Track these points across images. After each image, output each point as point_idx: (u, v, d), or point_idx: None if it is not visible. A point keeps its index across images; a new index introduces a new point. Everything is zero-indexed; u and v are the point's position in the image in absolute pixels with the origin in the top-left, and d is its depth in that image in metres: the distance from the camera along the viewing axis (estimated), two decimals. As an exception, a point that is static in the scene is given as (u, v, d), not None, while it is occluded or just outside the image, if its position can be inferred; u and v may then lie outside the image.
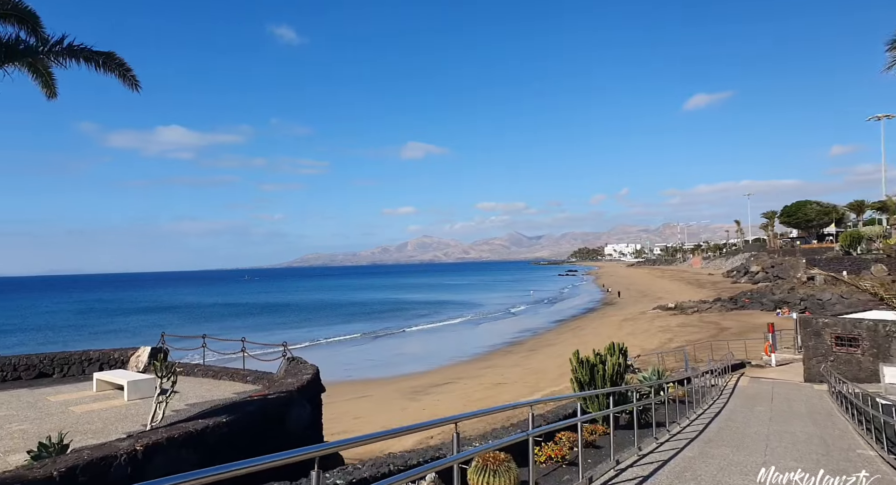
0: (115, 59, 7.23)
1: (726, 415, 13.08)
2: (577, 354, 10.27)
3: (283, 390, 8.86)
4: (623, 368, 10.35)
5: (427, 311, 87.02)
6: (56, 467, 5.32)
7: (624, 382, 10.88)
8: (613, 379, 9.85)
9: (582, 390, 9.86)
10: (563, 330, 58.12)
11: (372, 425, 22.00)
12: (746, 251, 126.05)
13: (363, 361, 43.75)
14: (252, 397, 8.47)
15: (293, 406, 8.33)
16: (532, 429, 5.54)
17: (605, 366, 9.92)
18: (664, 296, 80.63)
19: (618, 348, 10.43)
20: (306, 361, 12.25)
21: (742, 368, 25.27)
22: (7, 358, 12.59)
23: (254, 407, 7.91)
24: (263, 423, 7.79)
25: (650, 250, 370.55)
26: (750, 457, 8.47)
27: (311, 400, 9.81)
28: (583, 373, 9.91)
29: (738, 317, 51.28)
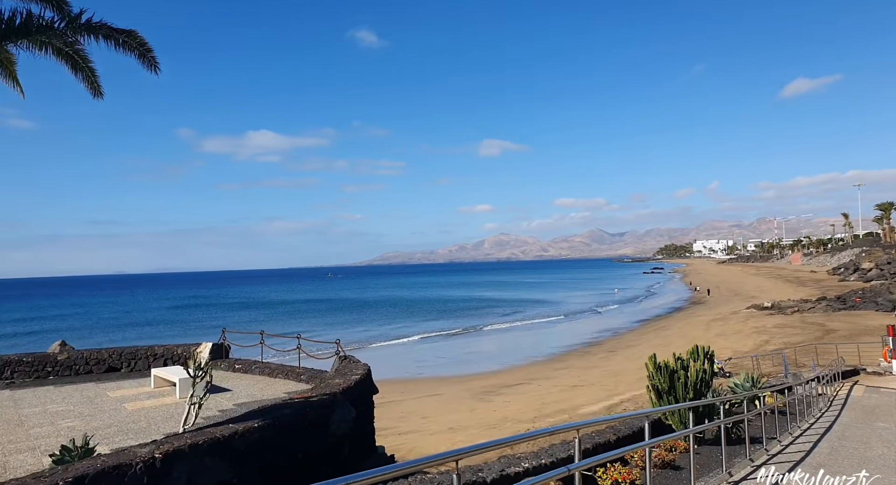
0: (136, 38, 6.96)
1: (839, 431, 11.14)
2: (653, 358, 8.98)
3: (326, 391, 8.30)
4: (709, 375, 8.93)
5: (503, 309, 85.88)
6: (65, 475, 4.96)
7: (711, 391, 9.43)
8: (697, 387, 8.48)
9: (660, 400, 8.57)
10: (645, 330, 55.06)
11: (439, 426, 21.38)
12: (856, 247, 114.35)
13: (436, 358, 43.47)
14: (293, 399, 7.97)
15: (337, 409, 7.74)
16: (579, 461, 4.51)
17: (686, 372, 8.57)
18: (759, 295, 74.68)
19: (702, 352, 9.01)
20: (359, 361, 11.71)
21: (855, 375, 22.23)
22: (80, 352, 13.08)
23: (292, 410, 7.38)
24: (301, 427, 7.24)
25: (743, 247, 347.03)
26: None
27: (359, 402, 9.19)
28: (661, 380, 8.61)
29: (848, 318, 46.08)
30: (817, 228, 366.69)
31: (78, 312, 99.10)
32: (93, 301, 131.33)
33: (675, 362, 8.80)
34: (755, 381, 13.51)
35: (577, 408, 22.55)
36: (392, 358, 44.76)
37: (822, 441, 9.89)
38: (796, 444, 9.95)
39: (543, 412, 22.68)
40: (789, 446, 9.61)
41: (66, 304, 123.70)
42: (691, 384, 8.43)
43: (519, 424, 20.89)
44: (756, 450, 8.92)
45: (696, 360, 8.83)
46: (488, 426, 20.85)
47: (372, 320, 74.48)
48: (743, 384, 13.42)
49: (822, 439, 10.26)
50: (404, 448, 17.69)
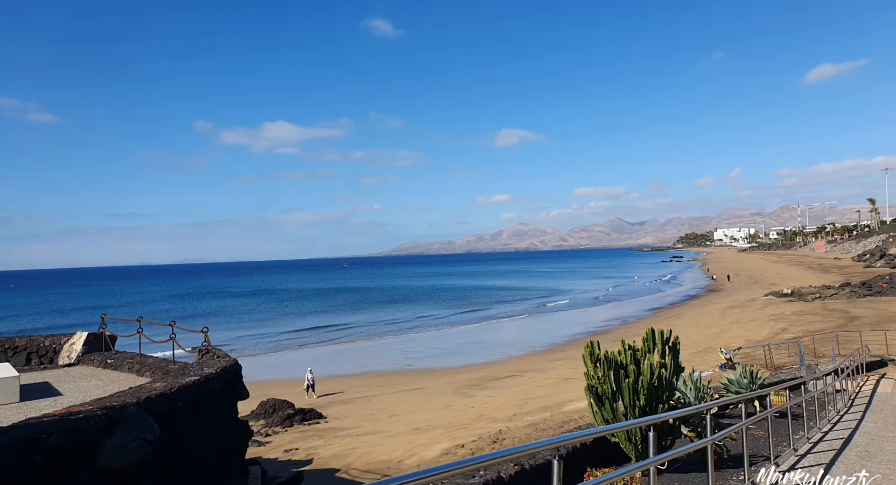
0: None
1: (862, 445, 8.58)
2: (591, 346, 6.52)
3: (109, 404, 5.82)
4: (672, 372, 6.45)
5: (514, 297, 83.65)
6: None
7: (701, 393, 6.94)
8: (654, 390, 6.04)
9: (601, 408, 6.16)
10: (657, 318, 52.22)
11: (406, 425, 19.16)
12: (883, 232, 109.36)
13: (430, 349, 41.32)
14: (51, 416, 5.43)
15: (119, 430, 5.37)
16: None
17: (639, 368, 6.13)
18: (779, 282, 71.16)
19: (661, 339, 6.55)
20: (227, 356, 9.27)
21: (883, 366, 19.42)
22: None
23: (20, 434, 4.86)
24: (22, 464, 4.67)
25: (765, 235, 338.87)
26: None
27: (195, 413, 6.81)
28: (600, 379, 6.20)
29: (873, 304, 42.75)
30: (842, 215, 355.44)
31: (55, 299, 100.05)
32: (87, 291, 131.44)
33: (624, 354, 6.36)
34: (754, 377, 10.94)
35: (562, 404, 20.13)
36: (384, 348, 42.76)
37: (838, 461, 7.37)
38: (804, 462, 7.46)
39: (525, 409, 20.32)
40: (796, 466, 7.12)
41: (54, 293, 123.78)
42: (643, 386, 6.00)
43: (493, 423, 18.57)
44: (752, 475, 6.46)
45: (651, 350, 6.39)
46: (458, 426, 18.57)
47: (376, 309, 72.91)
48: (738, 381, 10.86)
49: (838, 456, 7.74)
50: (353, 454, 15.50)
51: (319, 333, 52.63)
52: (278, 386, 28.23)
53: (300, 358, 37.17)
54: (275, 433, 18.02)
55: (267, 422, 18.96)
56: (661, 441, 6.29)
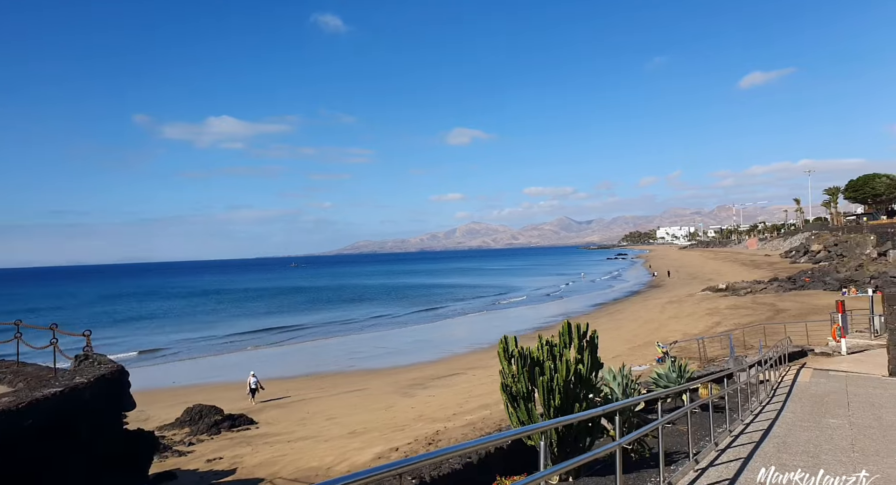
0: None
1: (781, 435, 8.67)
2: (505, 341, 6.20)
3: None
4: (589, 368, 6.20)
5: (465, 295, 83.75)
6: None
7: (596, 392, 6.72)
8: (571, 389, 5.76)
9: (516, 408, 5.84)
10: (599, 314, 53.40)
11: (342, 429, 18.49)
12: (807, 231, 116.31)
13: (377, 349, 40.56)
14: None
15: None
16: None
17: (555, 364, 5.85)
18: (715, 277, 74.18)
19: (577, 332, 6.30)
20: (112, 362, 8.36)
21: (803, 357, 20.24)
22: None
23: None
24: None
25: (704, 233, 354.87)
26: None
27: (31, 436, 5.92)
28: (514, 377, 5.88)
29: (798, 298, 45.08)
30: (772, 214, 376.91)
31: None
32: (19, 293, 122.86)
33: (541, 349, 6.07)
34: (682, 371, 11.01)
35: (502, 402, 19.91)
36: (330, 349, 41.72)
37: (755, 455, 7.34)
38: (725, 457, 7.40)
39: (465, 407, 20.03)
40: (716, 462, 7.03)
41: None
42: (558, 384, 5.72)
43: (432, 423, 18.18)
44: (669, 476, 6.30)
45: (569, 345, 6.13)
46: (396, 428, 18.08)
47: (326, 309, 71.34)
48: (667, 375, 10.89)
49: (757, 448, 7.74)
50: (282, 462, 14.74)
51: (267, 335, 50.87)
52: (215, 390, 26.94)
53: (244, 361, 35.70)
54: (199, 442, 16.99)
55: (192, 430, 17.88)
56: (579, 442, 6.03)
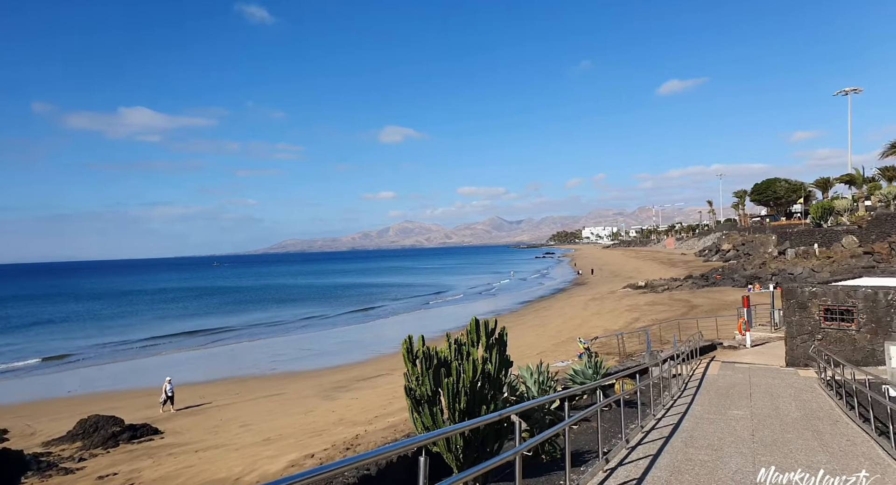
0: None
1: (689, 429, 8.80)
2: (409, 342, 5.80)
3: None
4: (498, 367, 5.90)
5: (397, 294, 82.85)
6: None
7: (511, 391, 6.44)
8: (478, 390, 5.43)
9: (420, 413, 5.44)
10: (526, 312, 54.37)
11: (256, 436, 17.44)
12: (718, 231, 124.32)
13: (300, 351, 39.11)
14: None
15: None
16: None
17: (461, 365, 5.50)
18: (636, 275, 77.62)
19: (485, 329, 5.99)
20: None
21: (713, 350, 21.29)
22: None
23: None
24: None
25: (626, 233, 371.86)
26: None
27: None
28: (418, 379, 5.48)
29: (710, 294, 47.87)
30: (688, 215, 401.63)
31: None
32: None
33: (450, 348, 5.71)
34: (598, 367, 11.07)
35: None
36: (250, 352, 39.80)
37: (664, 451, 7.37)
38: (635, 454, 7.34)
39: (388, 410, 19.50)
40: (625, 462, 6.93)
41: None
42: (464, 386, 5.38)
43: (352, 427, 17.53)
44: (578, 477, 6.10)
45: (476, 344, 5.81)
46: (314, 433, 17.27)
47: (248, 310, 68.24)
48: (583, 372, 10.91)
49: (667, 444, 7.78)
50: (186, 475, 13.63)
51: (186, 338, 47.89)
52: (120, 398, 24.94)
53: (158, 366, 33.33)
54: (92, 457, 15.43)
55: (85, 444, 16.24)
56: (486, 446, 5.71)
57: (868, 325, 16.45)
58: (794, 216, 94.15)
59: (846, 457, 7.18)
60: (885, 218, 55.59)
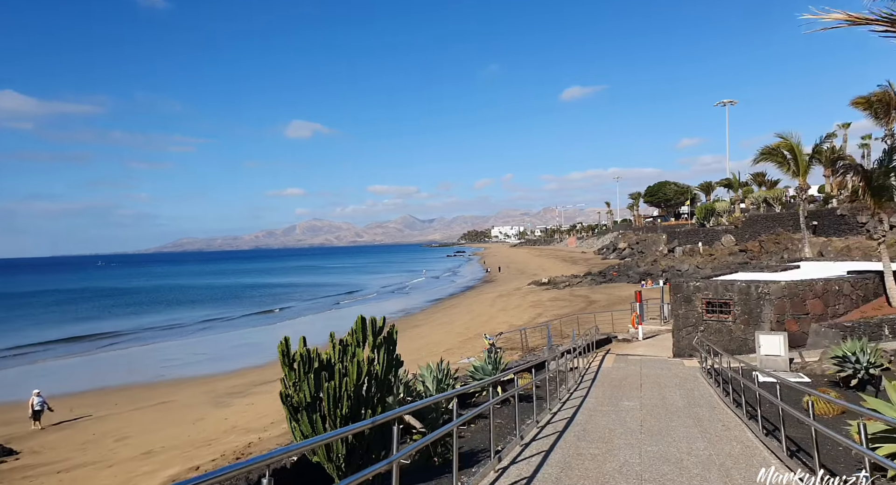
0: None
1: (582, 422, 8.93)
2: (285, 343, 5.29)
3: None
4: (385, 369, 5.53)
5: (304, 294, 79.82)
6: None
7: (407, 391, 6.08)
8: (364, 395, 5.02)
9: (298, 421, 4.94)
10: (435, 310, 54.56)
11: (134, 450, 15.83)
12: (615, 230, 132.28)
13: (193, 355, 36.51)
14: None
15: None
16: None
17: (346, 366, 5.06)
18: (540, 272, 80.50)
19: (372, 327, 5.61)
20: None
21: (608, 343, 22.30)
22: None
23: None
24: None
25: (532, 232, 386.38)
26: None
27: None
28: (296, 383, 4.99)
29: (607, 290, 50.56)
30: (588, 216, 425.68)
31: None
32: None
33: (335, 349, 5.26)
34: (497, 362, 11.06)
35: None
36: (137, 358, 36.58)
37: (557, 446, 7.36)
38: (529, 451, 7.24)
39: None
40: (519, 460, 6.80)
41: None
42: (347, 390, 4.95)
43: (246, 435, 16.41)
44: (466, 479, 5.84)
45: (361, 343, 5.41)
46: (203, 443, 15.98)
47: (135, 313, 62.76)
48: (483, 368, 10.84)
49: (559, 439, 7.79)
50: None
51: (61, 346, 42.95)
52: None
53: (25, 378, 29.56)
54: (-75, 487, 13.23)
55: (-84, 472, 13.88)
56: (371, 453, 5.31)
57: (742, 316, 17.87)
58: (682, 217, 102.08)
59: (721, 441, 7.56)
60: (756, 219, 61.66)
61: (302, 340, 5.62)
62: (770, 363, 14.49)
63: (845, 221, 44.63)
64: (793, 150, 29.20)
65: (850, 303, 18.27)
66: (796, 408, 9.42)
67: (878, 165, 16.79)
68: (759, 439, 7.63)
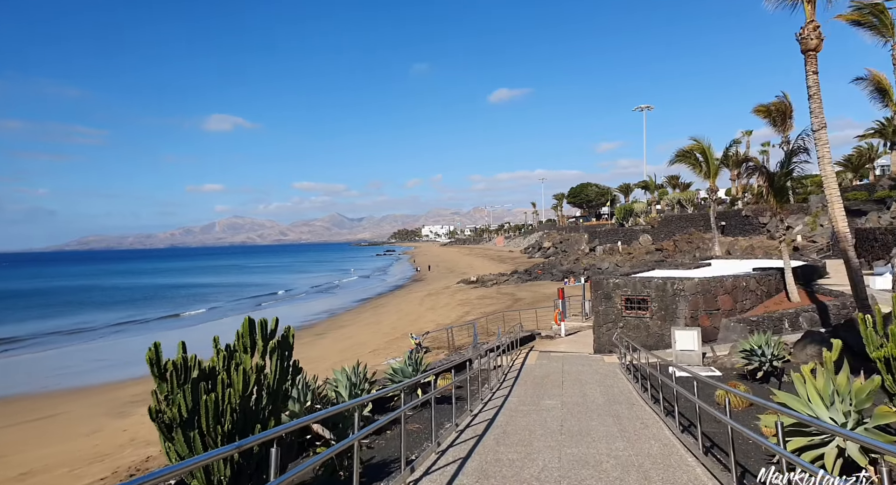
0: None
1: (503, 424, 8.61)
2: (155, 350, 4.55)
3: None
4: (277, 376, 4.87)
5: (222, 295, 75.67)
6: None
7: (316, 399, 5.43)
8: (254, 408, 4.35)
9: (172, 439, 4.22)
10: (363, 309, 53.46)
11: (9, 470, 14.01)
12: (540, 230, 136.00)
13: (93, 361, 33.46)
14: None
15: None
16: None
17: (232, 374, 4.38)
18: (469, 271, 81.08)
19: (263, 330, 4.95)
20: None
21: (532, 340, 22.46)
22: None
23: None
24: None
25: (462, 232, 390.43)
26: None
27: None
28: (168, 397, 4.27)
29: (532, 287, 51.55)
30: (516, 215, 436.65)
31: None
32: None
33: (219, 354, 4.56)
34: (418, 363, 10.57)
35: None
36: (27, 366, 33.06)
37: (475, 451, 6.94)
38: (446, 458, 6.78)
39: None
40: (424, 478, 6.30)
41: None
42: (231, 403, 4.26)
43: (145, 448, 15.01)
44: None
45: (247, 349, 4.73)
46: (95, 458, 14.43)
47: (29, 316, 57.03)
48: (402, 370, 10.32)
49: (478, 443, 7.39)
50: None
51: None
52: None
53: None
54: None
55: None
56: (262, 472, 4.64)
57: (659, 312, 18.43)
58: (603, 217, 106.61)
59: (640, 440, 7.46)
60: (670, 219, 65.08)
61: (180, 345, 4.85)
62: (685, 358, 14.95)
63: (749, 222, 47.90)
64: (704, 152, 30.85)
65: (755, 298, 19.32)
66: (711, 401, 9.63)
67: (780, 167, 17.86)
68: (677, 437, 7.61)
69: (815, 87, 12.49)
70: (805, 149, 16.83)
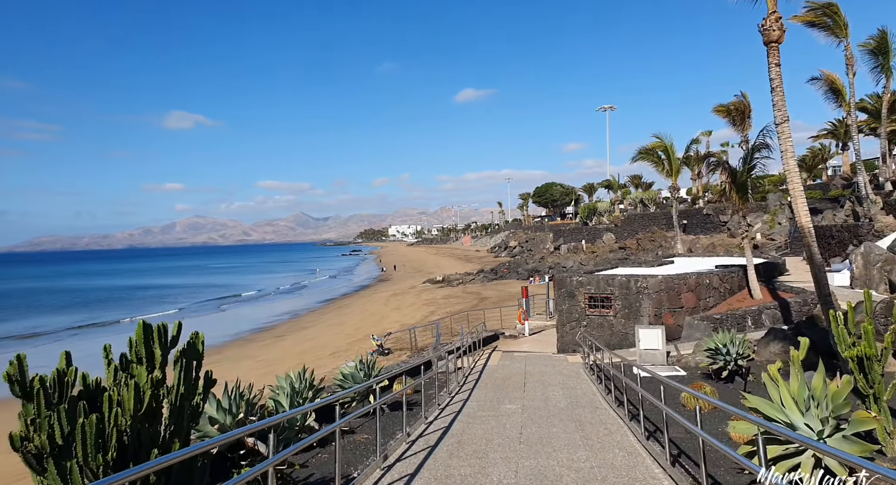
0: None
1: (458, 432, 8.00)
2: (18, 363, 3.76)
3: None
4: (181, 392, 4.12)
5: (181, 297, 72.96)
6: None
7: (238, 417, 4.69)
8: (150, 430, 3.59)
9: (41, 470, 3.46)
10: (327, 310, 52.27)
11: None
12: (507, 229, 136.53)
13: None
14: None
15: None
16: None
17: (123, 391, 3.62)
18: (435, 270, 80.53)
19: (161, 336, 4.20)
20: None
21: (496, 340, 21.96)
22: None
23: None
24: None
25: (429, 231, 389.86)
26: None
27: None
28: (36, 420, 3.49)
29: (498, 286, 51.28)
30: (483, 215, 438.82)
31: None
32: None
33: (110, 366, 3.80)
34: (370, 367, 9.88)
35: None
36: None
37: (423, 468, 6.28)
38: (392, 473, 6.12)
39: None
40: (379, 483, 5.64)
41: None
42: (118, 425, 3.49)
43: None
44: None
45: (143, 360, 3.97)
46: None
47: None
48: (354, 375, 9.60)
49: (428, 457, 6.73)
50: None
51: None
52: None
53: None
54: None
55: None
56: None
57: (623, 310, 18.15)
58: (567, 216, 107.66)
59: (603, 449, 6.96)
60: (633, 218, 65.85)
61: (64, 354, 4.07)
62: (649, 357, 14.65)
63: (710, 220, 48.70)
64: (667, 150, 31.03)
65: (718, 296, 19.28)
66: (677, 403, 9.26)
67: (743, 162, 17.85)
68: (642, 444, 7.14)
69: (778, 80, 12.32)
70: (766, 145, 16.82)
